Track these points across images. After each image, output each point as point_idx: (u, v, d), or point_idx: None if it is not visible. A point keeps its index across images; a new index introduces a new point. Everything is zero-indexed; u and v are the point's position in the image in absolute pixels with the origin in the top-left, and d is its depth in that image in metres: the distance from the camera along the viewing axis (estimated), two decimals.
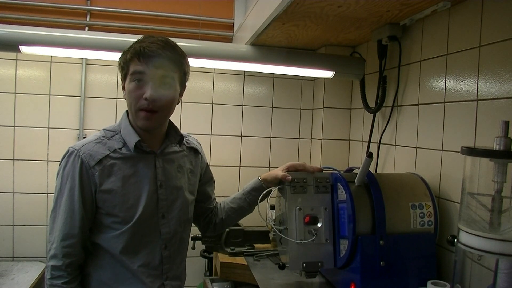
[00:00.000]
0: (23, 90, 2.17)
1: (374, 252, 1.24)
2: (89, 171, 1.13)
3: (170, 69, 1.15)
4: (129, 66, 1.13)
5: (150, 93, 1.11)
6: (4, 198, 2.17)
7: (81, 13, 2.25)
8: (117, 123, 1.24)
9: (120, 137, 1.20)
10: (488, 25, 1.21)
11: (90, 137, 1.21)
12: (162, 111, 1.15)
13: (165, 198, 1.21)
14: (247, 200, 1.40)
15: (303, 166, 1.35)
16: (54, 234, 1.12)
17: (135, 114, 1.15)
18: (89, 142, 1.17)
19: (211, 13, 2.37)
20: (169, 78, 1.15)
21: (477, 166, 0.95)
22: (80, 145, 1.16)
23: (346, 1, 1.35)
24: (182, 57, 1.20)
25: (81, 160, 1.13)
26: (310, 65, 1.90)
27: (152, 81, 1.11)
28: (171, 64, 1.15)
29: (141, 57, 1.11)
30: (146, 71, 1.11)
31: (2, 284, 1.90)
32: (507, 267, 0.88)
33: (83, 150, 1.14)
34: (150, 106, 1.12)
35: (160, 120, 1.18)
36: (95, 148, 1.15)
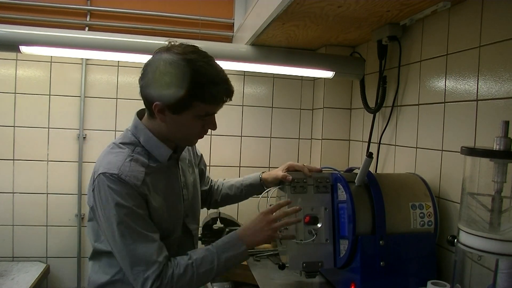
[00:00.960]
0: (23, 90, 2.17)
1: (374, 252, 1.24)
2: (138, 191, 1.07)
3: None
4: (201, 108, 1.08)
5: (215, 125, 1.15)
6: (4, 198, 2.17)
7: (81, 13, 2.25)
8: (130, 133, 1.18)
9: (142, 150, 1.15)
10: (488, 25, 1.21)
11: (115, 155, 1.11)
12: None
13: (187, 198, 1.25)
14: (244, 192, 1.47)
15: (302, 167, 1.36)
16: (143, 262, 1.05)
17: (187, 140, 1.17)
18: (123, 162, 1.09)
19: (211, 13, 2.37)
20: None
21: (477, 166, 0.95)
22: (116, 168, 1.07)
23: (346, 1, 1.35)
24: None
25: (128, 183, 1.06)
26: (310, 65, 1.90)
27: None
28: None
29: (224, 103, 1.11)
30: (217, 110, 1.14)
31: (2, 284, 1.90)
32: (507, 267, 0.88)
33: (124, 172, 1.06)
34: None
35: None
36: (132, 167, 1.09)
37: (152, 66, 1.08)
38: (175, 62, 1.04)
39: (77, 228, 2.24)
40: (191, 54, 1.07)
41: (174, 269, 1.08)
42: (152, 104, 1.09)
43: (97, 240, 1.17)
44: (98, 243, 1.17)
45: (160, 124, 1.13)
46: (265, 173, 1.44)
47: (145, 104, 1.15)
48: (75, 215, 2.24)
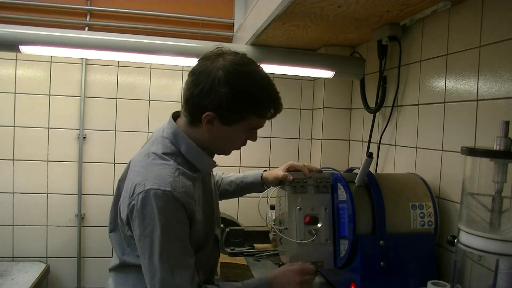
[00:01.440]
0: (23, 90, 2.17)
1: (374, 252, 1.24)
2: (188, 210, 1.02)
3: None
4: (255, 122, 1.07)
5: (256, 138, 1.15)
6: (4, 198, 2.17)
7: (81, 13, 2.25)
8: (168, 141, 1.10)
9: (183, 160, 1.08)
10: (488, 25, 1.21)
11: (162, 169, 1.03)
12: None
13: (215, 205, 1.24)
14: (243, 189, 1.46)
15: (302, 167, 1.36)
16: (183, 282, 1.00)
17: (227, 151, 1.16)
18: (173, 177, 1.02)
19: (211, 13, 2.37)
20: None
21: (477, 166, 0.95)
22: (168, 184, 0.99)
23: (346, 1, 1.35)
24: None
25: (180, 202, 0.99)
26: (310, 65, 1.89)
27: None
28: None
29: (276, 114, 1.09)
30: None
31: (2, 284, 1.90)
32: (507, 267, 0.88)
33: (176, 189, 0.99)
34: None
35: None
36: (182, 182, 1.02)
37: (209, 75, 1.01)
38: (236, 74, 1.01)
39: (77, 228, 2.24)
40: (250, 66, 1.05)
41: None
42: (201, 113, 1.03)
43: (124, 253, 1.11)
44: (126, 256, 1.10)
45: (203, 134, 1.07)
46: (265, 172, 1.43)
47: (190, 111, 1.06)
48: (75, 215, 2.24)
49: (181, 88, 2.58)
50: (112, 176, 2.26)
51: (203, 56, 1.07)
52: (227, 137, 1.09)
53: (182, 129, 1.10)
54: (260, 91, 1.04)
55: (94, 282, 2.28)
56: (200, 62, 1.06)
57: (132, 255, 1.09)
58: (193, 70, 1.06)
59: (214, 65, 1.02)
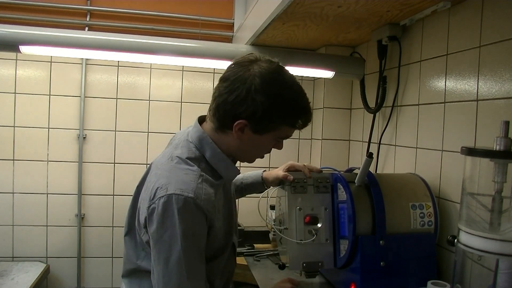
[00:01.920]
0: (23, 90, 2.17)
1: (374, 252, 1.24)
2: (207, 216, 0.99)
3: None
4: (286, 131, 1.06)
5: (282, 147, 1.12)
6: (4, 198, 2.17)
7: (81, 13, 2.25)
8: (193, 147, 1.07)
9: (206, 166, 1.06)
10: (488, 25, 1.21)
11: (185, 173, 1.00)
12: None
13: (234, 214, 1.22)
14: (244, 190, 1.45)
15: (302, 167, 1.36)
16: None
17: (253, 158, 1.14)
18: (196, 183, 0.99)
19: (211, 13, 2.37)
20: None
21: (477, 166, 0.95)
22: (191, 191, 0.96)
23: (346, 1, 1.35)
24: None
25: (202, 210, 0.97)
26: (310, 65, 1.89)
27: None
28: None
29: (304, 126, 1.09)
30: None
31: (2, 284, 1.90)
32: (507, 267, 0.88)
33: (199, 196, 0.96)
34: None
35: None
36: (205, 189, 0.99)
37: (245, 82, 0.98)
38: (272, 82, 0.99)
39: (77, 228, 2.24)
40: (286, 74, 1.04)
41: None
42: (233, 121, 1.00)
43: (139, 258, 1.08)
44: (141, 261, 1.08)
45: (230, 141, 1.05)
46: (266, 173, 1.43)
47: (220, 117, 1.03)
48: (75, 215, 2.24)
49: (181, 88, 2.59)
50: (112, 176, 2.26)
51: (235, 62, 1.04)
52: (255, 146, 1.07)
53: (208, 134, 1.07)
54: (295, 101, 1.03)
55: (94, 282, 2.28)
56: (233, 68, 1.03)
57: (147, 260, 1.06)
58: (226, 76, 1.02)
59: (250, 72, 0.99)
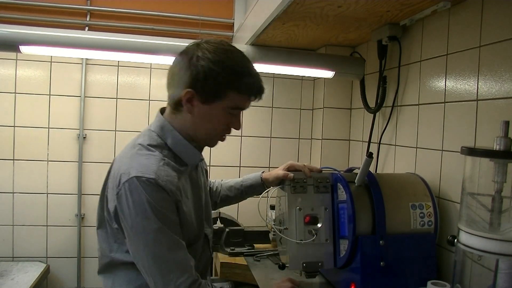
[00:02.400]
0: (23, 90, 2.17)
1: (374, 252, 1.24)
2: (173, 197, 1.03)
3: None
4: (234, 99, 1.06)
5: (240, 125, 1.13)
6: (4, 198, 2.17)
7: (81, 13, 2.25)
8: (155, 135, 1.11)
9: (169, 153, 1.09)
10: (488, 25, 1.21)
11: (146, 158, 1.04)
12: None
13: (204, 203, 1.22)
14: (244, 193, 1.45)
15: (302, 167, 1.36)
16: (178, 269, 1.01)
17: (212, 139, 1.14)
18: (157, 166, 1.03)
19: (211, 13, 2.37)
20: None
21: (477, 166, 0.95)
22: (152, 172, 1.00)
23: (346, 1, 1.35)
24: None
25: (164, 189, 1.00)
26: (310, 65, 1.89)
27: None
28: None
29: (255, 98, 1.09)
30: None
31: (2, 284, 1.90)
32: (507, 267, 0.88)
33: (160, 177, 1.01)
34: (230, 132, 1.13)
35: None
36: (166, 171, 1.03)
37: (187, 54, 1.05)
38: (214, 50, 1.04)
39: (77, 228, 2.24)
40: (229, 46, 1.08)
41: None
42: (182, 93, 1.04)
43: (112, 250, 1.08)
44: (114, 253, 1.08)
45: (185, 119, 1.08)
46: (265, 173, 1.43)
47: (171, 94, 1.09)
48: (75, 215, 2.24)
49: None
50: None
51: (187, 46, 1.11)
52: (208, 119, 1.08)
53: (167, 119, 1.11)
54: (238, 64, 1.05)
55: (94, 282, 2.28)
56: (184, 49, 1.10)
57: (120, 251, 1.07)
58: (177, 55, 1.10)
59: (194, 46, 1.07)
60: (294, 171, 1.35)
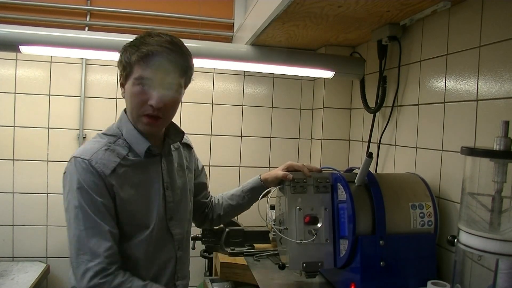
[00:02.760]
0: (23, 90, 2.17)
1: (374, 252, 1.24)
2: (106, 180, 1.07)
3: (177, 74, 1.11)
4: (134, 69, 1.08)
5: (157, 101, 1.07)
6: (4, 198, 2.17)
7: (81, 13, 2.25)
8: (115, 126, 1.19)
9: (123, 142, 1.14)
10: (488, 25, 1.21)
11: (93, 143, 1.13)
12: (166, 116, 1.13)
13: (172, 200, 1.21)
14: (246, 198, 1.42)
15: (302, 167, 1.35)
16: (93, 247, 1.03)
17: (137, 119, 1.12)
18: (97, 150, 1.09)
19: (211, 13, 2.37)
20: (175, 84, 1.11)
21: (477, 166, 0.95)
22: (89, 154, 1.08)
23: (346, 1, 1.35)
24: (188, 59, 1.15)
25: (96, 171, 1.06)
26: (310, 65, 1.89)
27: (158, 87, 1.08)
28: (178, 69, 1.11)
29: (149, 62, 1.06)
30: (153, 77, 1.07)
31: (2, 284, 1.90)
32: (507, 267, 0.88)
33: (94, 159, 1.07)
34: (155, 112, 1.09)
35: (164, 125, 1.18)
36: (105, 156, 1.09)
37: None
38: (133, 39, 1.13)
39: None
40: (147, 32, 1.14)
41: (124, 283, 1.04)
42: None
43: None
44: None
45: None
46: (264, 174, 1.43)
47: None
48: None
49: None
50: None
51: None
52: (128, 97, 1.12)
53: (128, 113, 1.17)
54: (137, 38, 1.12)
55: None
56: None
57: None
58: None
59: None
60: (293, 171, 1.35)
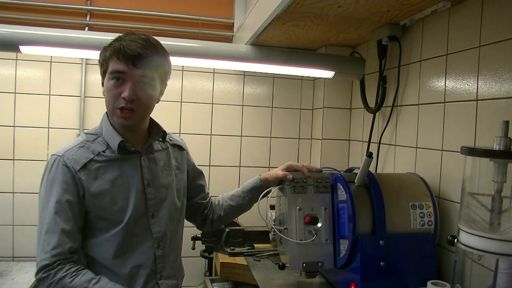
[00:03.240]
0: (23, 90, 2.17)
1: (374, 252, 1.24)
2: (75, 175, 1.13)
3: (150, 69, 1.14)
4: (109, 64, 1.13)
5: (129, 93, 1.11)
6: (4, 198, 2.17)
7: (81, 13, 2.25)
8: (98, 126, 1.24)
9: (102, 140, 1.20)
10: (488, 25, 1.21)
11: (73, 142, 1.20)
12: (140, 110, 1.16)
13: (154, 197, 1.22)
14: (247, 198, 1.42)
15: (301, 167, 1.35)
16: (43, 243, 1.11)
17: (112, 112, 1.16)
18: (72, 147, 1.17)
19: (211, 13, 2.37)
20: (148, 78, 1.15)
21: (477, 166, 0.95)
22: (63, 151, 1.16)
23: (346, 1, 1.35)
24: (163, 56, 1.20)
25: (66, 166, 1.13)
26: (310, 65, 1.89)
27: (131, 80, 1.12)
28: (152, 64, 1.14)
29: (121, 55, 1.10)
30: (125, 71, 1.11)
31: (2, 284, 1.90)
32: (507, 267, 0.88)
33: (66, 155, 1.15)
34: (128, 105, 1.13)
35: (138, 118, 1.19)
36: (78, 152, 1.16)
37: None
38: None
39: None
40: (124, 36, 1.17)
41: (67, 277, 1.09)
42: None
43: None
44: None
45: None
46: (264, 174, 1.43)
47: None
48: None
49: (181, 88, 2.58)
50: None
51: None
52: (105, 92, 1.16)
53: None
54: (115, 38, 1.17)
55: None
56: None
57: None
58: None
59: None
60: (293, 171, 1.35)
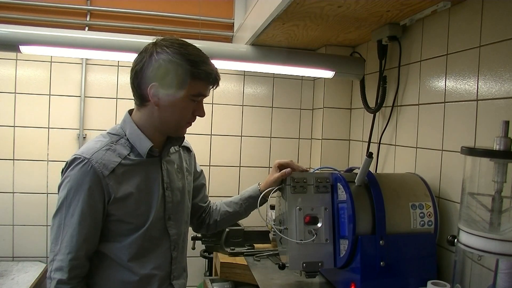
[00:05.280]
0: (23, 90, 2.17)
1: (374, 252, 1.24)
2: (103, 181, 1.09)
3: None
4: (196, 86, 1.12)
5: (204, 113, 1.18)
6: (4, 198, 2.17)
7: (81, 13, 2.25)
8: (119, 126, 1.20)
9: (126, 142, 1.17)
10: (488, 25, 1.21)
11: (95, 142, 1.14)
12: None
13: (171, 200, 1.22)
14: (244, 206, 1.41)
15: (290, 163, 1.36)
16: (60, 245, 1.07)
17: (180, 125, 1.18)
18: (98, 149, 1.11)
19: (211, 13, 2.37)
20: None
21: (477, 166, 0.95)
22: (90, 154, 1.09)
23: (346, 1, 1.35)
24: None
25: (95, 170, 1.08)
26: (310, 65, 1.89)
27: (203, 101, 1.19)
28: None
29: (212, 84, 1.15)
30: (207, 95, 1.17)
31: (2, 284, 1.90)
32: (507, 267, 0.88)
33: (95, 159, 1.09)
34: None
35: None
36: (106, 156, 1.11)
37: (147, 52, 1.13)
38: (171, 45, 1.12)
39: None
40: (183, 41, 1.17)
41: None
42: (147, 88, 1.11)
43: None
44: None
45: (152, 113, 1.15)
46: (263, 183, 1.41)
47: (137, 92, 1.16)
48: None
49: None
50: None
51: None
52: (174, 109, 1.14)
53: (133, 117, 1.20)
54: (194, 54, 1.13)
55: None
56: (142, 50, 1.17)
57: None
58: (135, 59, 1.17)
59: (152, 45, 1.14)
60: (285, 166, 1.35)
